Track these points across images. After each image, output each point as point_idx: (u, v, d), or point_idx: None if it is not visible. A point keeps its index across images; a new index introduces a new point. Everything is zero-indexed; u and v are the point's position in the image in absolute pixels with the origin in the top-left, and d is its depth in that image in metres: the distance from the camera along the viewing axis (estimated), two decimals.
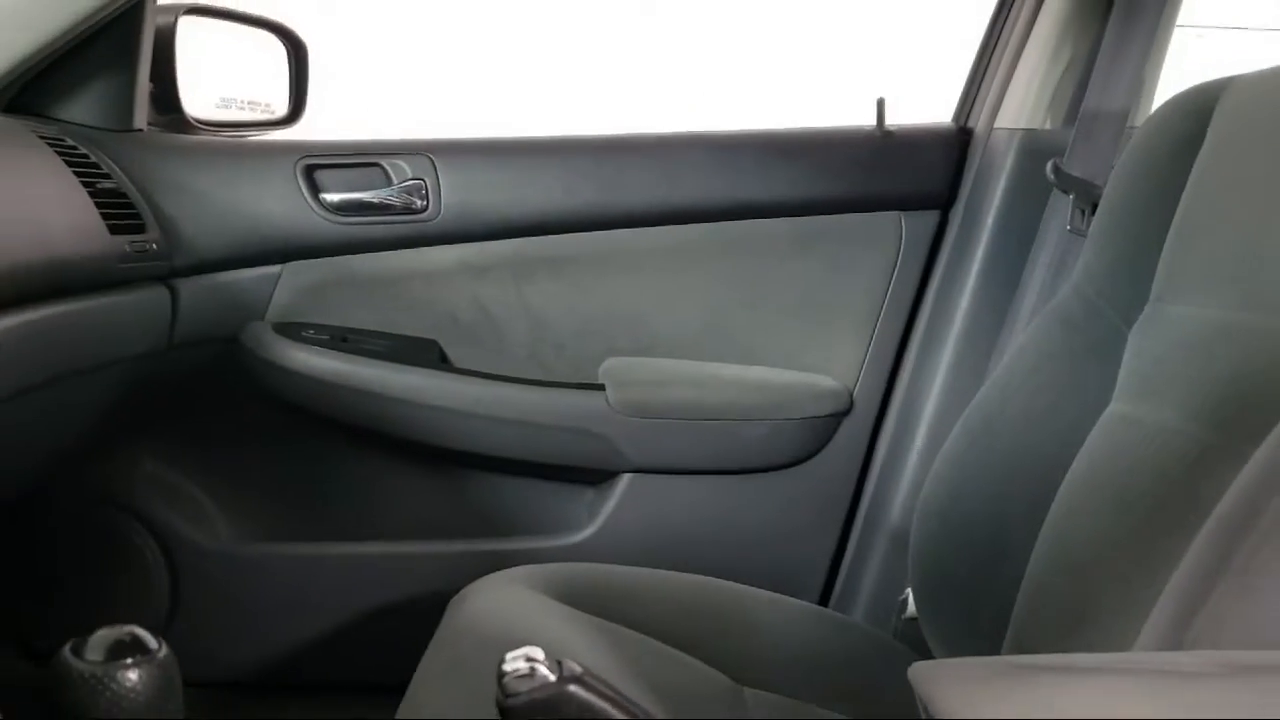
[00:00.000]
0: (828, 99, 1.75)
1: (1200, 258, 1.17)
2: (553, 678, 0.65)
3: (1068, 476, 1.19)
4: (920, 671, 0.70)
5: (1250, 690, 0.69)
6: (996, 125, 1.61)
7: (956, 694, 0.66)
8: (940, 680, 0.69)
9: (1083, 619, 1.13)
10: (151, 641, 0.66)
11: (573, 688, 0.66)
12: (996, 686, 0.69)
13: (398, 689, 1.17)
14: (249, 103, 1.73)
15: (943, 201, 1.64)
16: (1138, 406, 1.16)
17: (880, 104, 1.59)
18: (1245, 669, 0.75)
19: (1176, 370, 1.15)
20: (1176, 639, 0.81)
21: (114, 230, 1.31)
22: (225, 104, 1.69)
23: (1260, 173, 1.12)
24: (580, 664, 0.69)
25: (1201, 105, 1.23)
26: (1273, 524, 0.85)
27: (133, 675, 0.63)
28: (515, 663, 0.66)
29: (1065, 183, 1.48)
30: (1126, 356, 1.22)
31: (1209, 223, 1.17)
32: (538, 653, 0.68)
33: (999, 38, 1.66)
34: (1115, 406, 1.19)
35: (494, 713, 0.73)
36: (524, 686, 0.66)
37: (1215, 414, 1.01)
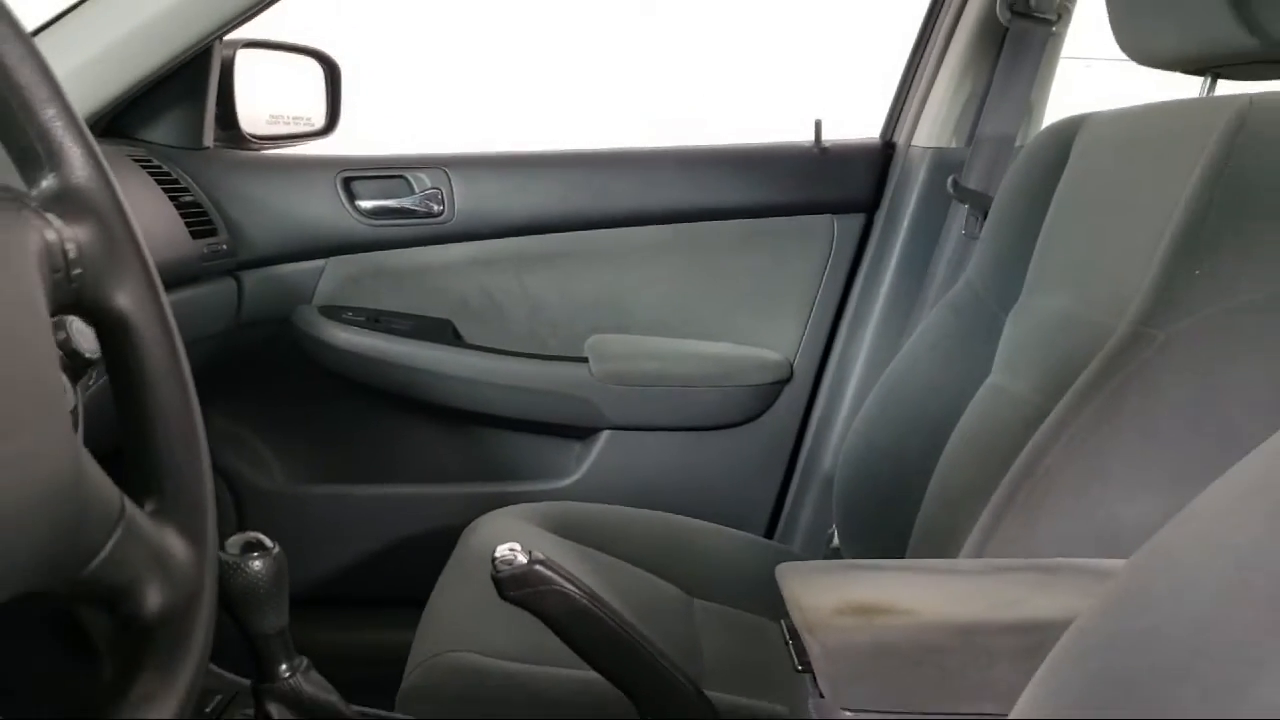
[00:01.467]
0: (780, 115, 1.96)
1: (1057, 261, 1.40)
2: (525, 560, 0.93)
3: (954, 434, 1.41)
4: (781, 569, 0.97)
5: (997, 581, 0.96)
6: (913, 143, 1.80)
7: (795, 580, 0.93)
8: (789, 573, 0.96)
9: (952, 543, 1.37)
10: (268, 543, 0.91)
11: (539, 566, 0.93)
12: (824, 577, 0.96)
13: (419, 602, 1.37)
14: (293, 118, 1.86)
15: (868, 206, 1.83)
16: (1006, 379, 1.40)
17: (818, 124, 1.79)
18: (1004, 569, 1.02)
19: (1032, 351, 1.40)
20: (1021, 545, 1.08)
21: (194, 235, 1.49)
22: (274, 120, 1.82)
23: (1100, 198, 1.35)
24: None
25: (1064, 136, 1.44)
26: (1049, 469, 1.11)
27: (257, 564, 0.87)
28: (503, 551, 0.93)
29: (962, 194, 1.69)
30: (1002, 339, 1.44)
31: (1064, 234, 1.39)
32: (518, 546, 0.95)
33: (917, 67, 1.84)
34: (992, 378, 1.43)
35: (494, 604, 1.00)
36: (507, 565, 0.93)
37: (1050, 386, 1.23)
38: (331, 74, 1.86)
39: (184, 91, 1.61)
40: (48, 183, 0.62)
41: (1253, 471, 0.62)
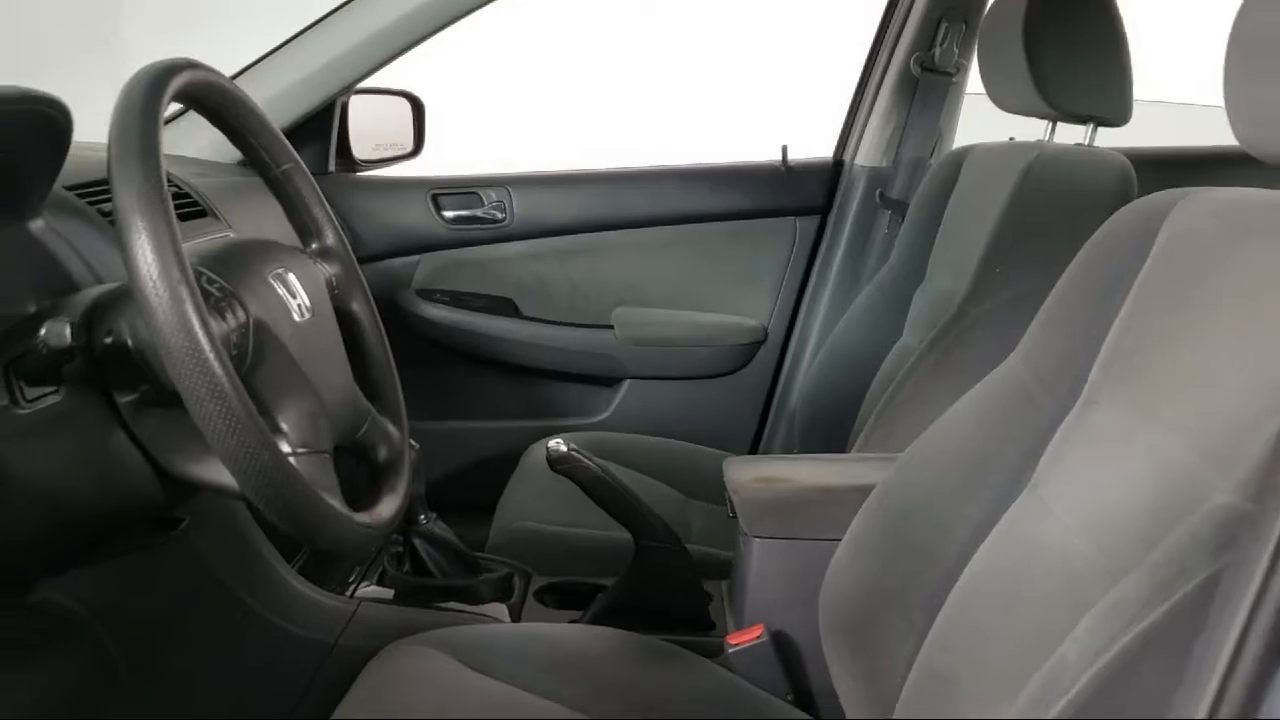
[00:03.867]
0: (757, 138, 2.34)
1: (942, 256, 1.84)
2: (565, 448, 1.41)
3: (875, 378, 1.86)
4: (726, 461, 1.45)
5: (852, 465, 1.43)
6: (856, 162, 2.20)
7: (731, 466, 1.41)
8: (730, 463, 1.44)
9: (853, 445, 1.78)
10: (414, 443, 1.35)
11: (573, 451, 1.39)
12: (748, 464, 1.43)
13: (490, 507, 1.76)
14: (390, 145, 2.19)
15: (822, 210, 2.21)
16: (909, 339, 1.85)
17: (784, 149, 2.19)
18: (857, 460, 1.50)
19: (921, 317, 1.84)
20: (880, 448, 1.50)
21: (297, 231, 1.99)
22: (377, 148, 2.16)
23: (964, 211, 1.79)
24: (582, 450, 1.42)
25: (956, 161, 1.86)
26: (903, 396, 1.57)
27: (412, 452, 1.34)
28: (553, 444, 1.39)
29: (886, 204, 2.12)
30: (910, 310, 1.89)
31: (947, 236, 1.83)
32: (563, 440, 1.42)
33: (858, 105, 2.24)
34: (902, 339, 1.88)
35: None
36: (557, 450, 1.40)
37: (928, 337, 1.65)
38: (417, 109, 2.19)
39: (315, 130, 1.99)
40: (316, 245, 1.16)
41: (977, 393, 1.11)
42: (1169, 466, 0.70)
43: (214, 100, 1.02)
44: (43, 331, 0.84)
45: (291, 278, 1.02)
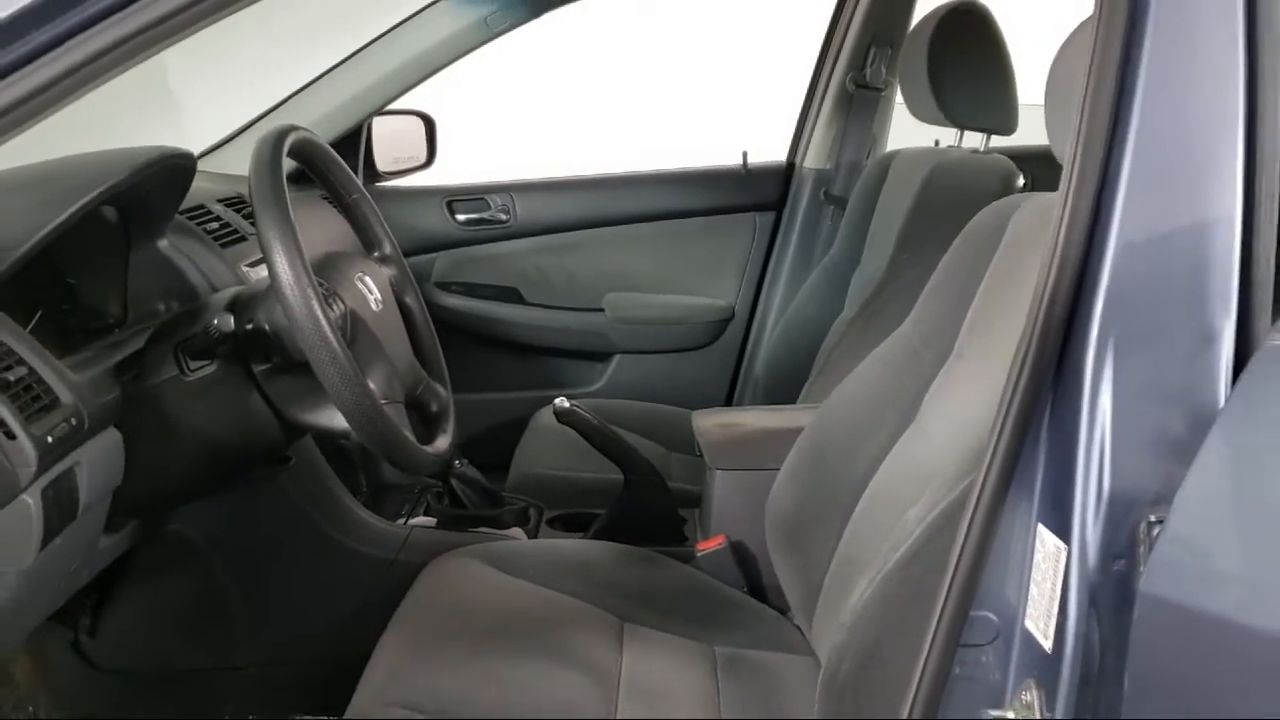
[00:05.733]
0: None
1: (874, 242, 2.18)
2: (569, 404, 1.75)
3: (823, 344, 2.22)
4: (694, 413, 1.80)
5: (792, 412, 1.78)
6: (805, 165, 2.51)
7: (698, 416, 1.76)
8: (699, 414, 1.78)
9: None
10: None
11: (574, 405, 1.73)
12: (712, 414, 1.77)
13: (505, 465, 2.05)
14: (407, 158, 2.46)
15: (778, 207, 2.52)
16: (848, 313, 2.19)
17: (744, 154, 2.50)
18: (798, 410, 1.85)
19: (857, 293, 2.16)
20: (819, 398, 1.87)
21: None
22: (395, 161, 2.44)
23: (891, 206, 2.11)
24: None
25: (884, 164, 2.20)
26: (838, 355, 1.91)
27: None
28: (558, 400, 1.74)
29: (830, 200, 2.44)
30: (850, 289, 2.22)
31: (877, 226, 2.17)
32: (566, 399, 1.76)
33: (806, 116, 2.55)
34: (842, 314, 2.22)
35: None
36: (561, 408, 1.74)
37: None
38: (429, 126, 2.47)
39: (346, 149, 2.29)
40: (378, 253, 1.51)
41: (880, 351, 1.47)
42: (997, 392, 0.88)
43: (308, 152, 1.37)
44: (214, 321, 1.19)
45: (368, 278, 1.37)
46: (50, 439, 1.05)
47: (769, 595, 1.64)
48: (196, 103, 2.63)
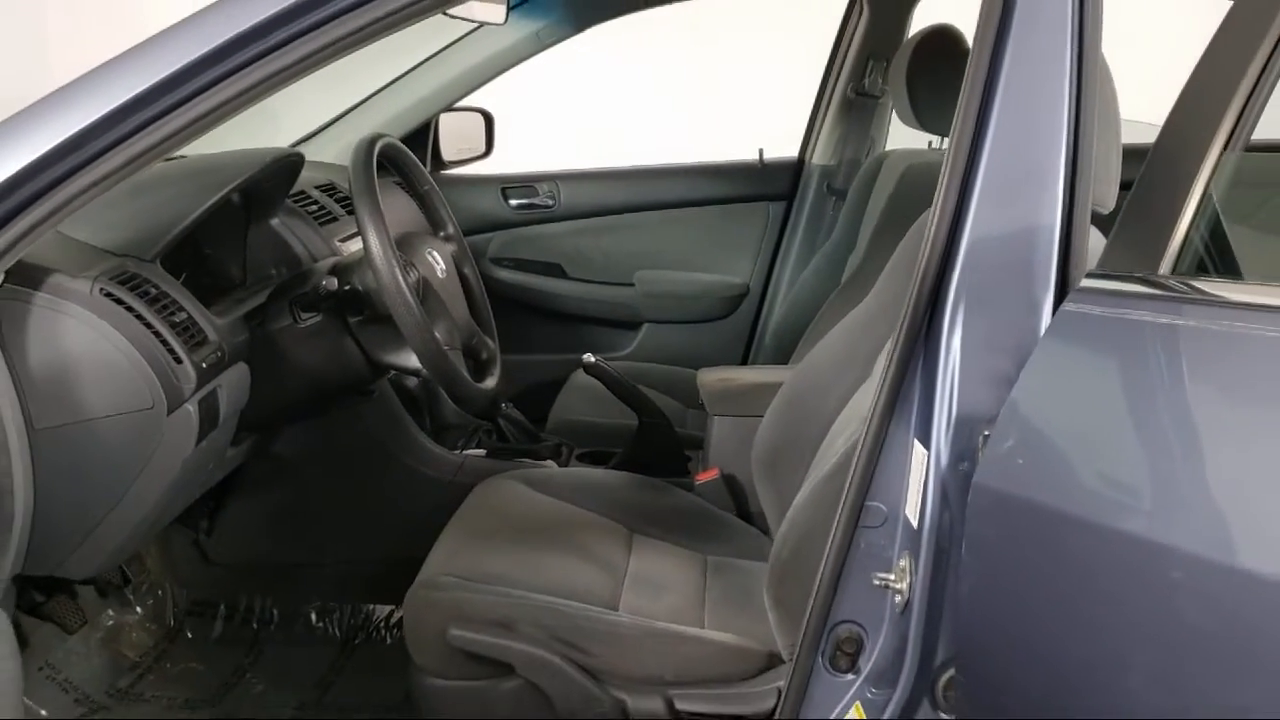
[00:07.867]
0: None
1: (865, 229, 2.48)
2: (595, 360, 2.08)
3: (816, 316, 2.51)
4: (700, 371, 2.12)
5: (778, 370, 2.11)
6: (813, 161, 2.77)
7: (702, 372, 2.09)
8: (703, 371, 2.11)
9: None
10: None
11: (598, 360, 2.06)
12: (715, 370, 2.10)
13: (544, 419, 2.34)
14: (468, 149, 2.76)
15: (789, 197, 2.77)
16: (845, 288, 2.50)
17: (760, 151, 2.78)
18: (785, 370, 2.17)
19: (849, 273, 2.48)
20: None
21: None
22: (459, 151, 2.74)
23: (877, 201, 2.42)
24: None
25: (878, 162, 2.47)
26: (821, 326, 2.22)
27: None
28: (586, 356, 2.08)
29: (833, 192, 2.72)
30: (845, 271, 2.53)
31: (869, 215, 2.47)
32: (593, 355, 2.09)
33: (815, 116, 2.80)
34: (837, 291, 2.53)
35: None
36: (588, 362, 2.06)
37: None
38: (487, 121, 2.77)
39: (418, 141, 2.58)
40: (443, 233, 1.86)
41: (848, 320, 1.78)
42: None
43: (391, 153, 1.72)
44: (323, 282, 1.54)
45: (435, 253, 1.72)
46: (204, 365, 1.41)
47: (754, 520, 1.96)
48: (286, 101, 2.94)
